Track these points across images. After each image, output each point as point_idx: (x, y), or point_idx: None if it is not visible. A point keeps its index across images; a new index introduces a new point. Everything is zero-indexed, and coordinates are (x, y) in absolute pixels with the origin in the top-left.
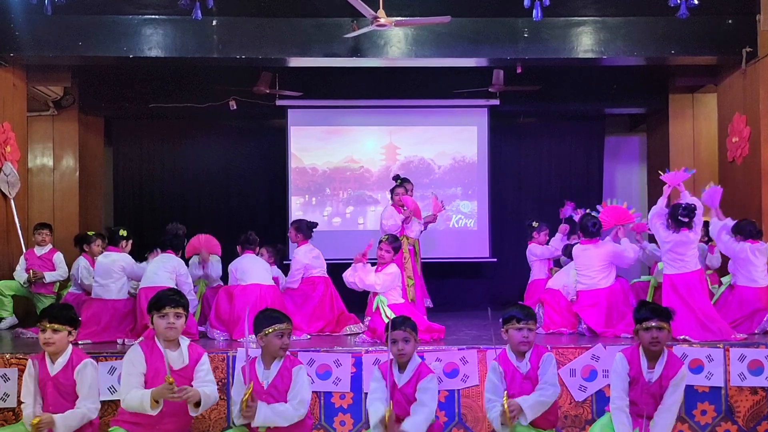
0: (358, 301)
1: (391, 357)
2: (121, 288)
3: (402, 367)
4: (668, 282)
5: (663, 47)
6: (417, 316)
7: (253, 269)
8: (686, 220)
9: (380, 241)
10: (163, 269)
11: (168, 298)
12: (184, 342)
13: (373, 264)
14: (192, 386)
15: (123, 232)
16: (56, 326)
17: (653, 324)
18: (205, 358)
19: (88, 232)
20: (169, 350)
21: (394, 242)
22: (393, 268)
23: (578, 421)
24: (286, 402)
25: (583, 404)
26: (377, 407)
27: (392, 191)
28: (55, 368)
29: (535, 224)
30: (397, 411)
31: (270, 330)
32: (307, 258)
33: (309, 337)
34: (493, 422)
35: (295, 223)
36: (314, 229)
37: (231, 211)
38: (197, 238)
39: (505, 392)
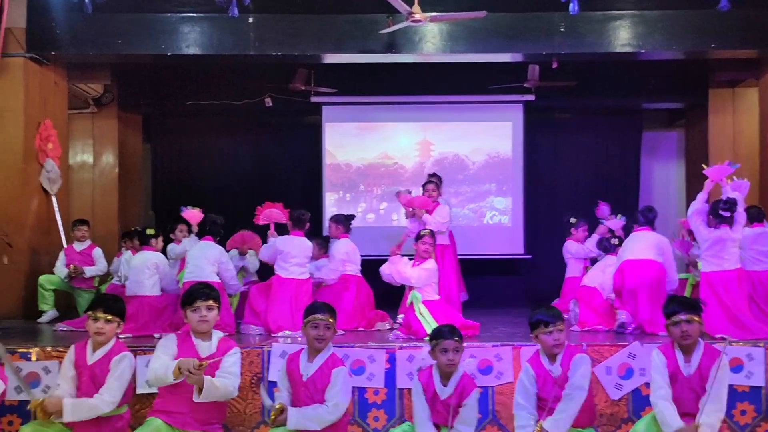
0: (386, 296)
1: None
2: (154, 284)
3: (445, 378)
4: (705, 280)
5: (702, 41)
6: (452, 313)
7: (298, 254)
8: (727, 214)
9: (420, 235)
10: (206, 261)
11: (199, 292)
12: (216, 335)
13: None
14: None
15: (150, 231)
16: (109, 317)
17: (682, 317)
18: (235, 350)
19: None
20: (200, 340)
21: (434, 236)
22: (431, 263)
23: (614, 419)
24: (322, 400)
25: (619, 402)
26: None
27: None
28: (93, 357)
29: (573, 221)
30: (436, 420)
31: (307, 321)
32: (345, 251)
33: (342, 332)
34: None
35: (334, 217)
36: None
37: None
38: (241, 234)
39: (539, 423)
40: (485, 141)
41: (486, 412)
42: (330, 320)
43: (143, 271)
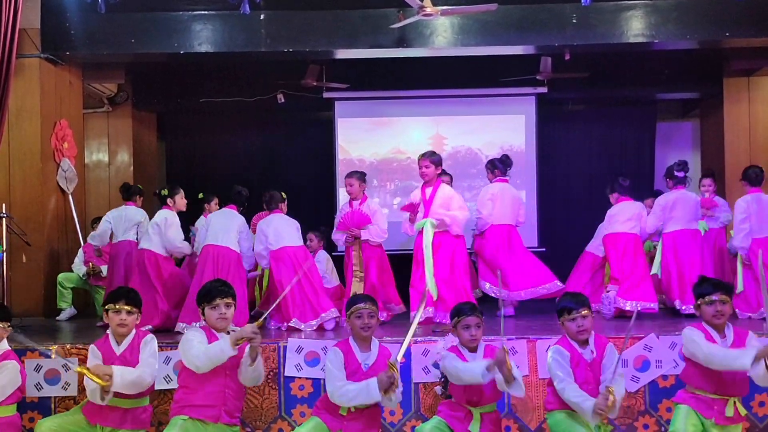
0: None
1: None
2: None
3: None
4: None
5: (717, 30)
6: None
7: (286, 230)
8: (682, 175)
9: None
10: (229, 227)
11: (217, 290)
12: (236, 330)
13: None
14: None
15: (164, 192)
16: (130, 308)
17: (715, 298)
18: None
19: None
20: (222, 334)
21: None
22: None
23: (630, 412)
24: None
25: (635, 395)
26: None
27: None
28: (121, 348)
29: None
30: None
31: (350, 312)
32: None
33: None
34: (578, 406)
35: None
36: None
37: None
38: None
39: (608, 387)
40: (498, 134)
41: (502, 406)
42: (373, 308)
43: (153, 225)
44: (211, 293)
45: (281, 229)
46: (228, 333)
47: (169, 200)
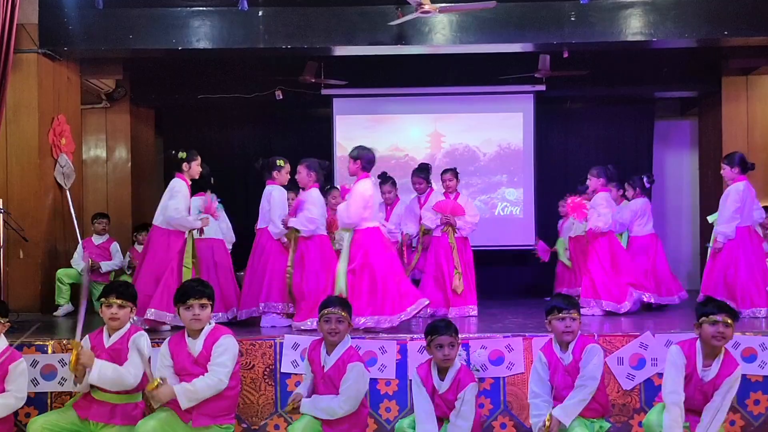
0: None
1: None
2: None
3: (442, 372)
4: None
5: (715, 28)
6: None
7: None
8: (649, 186)
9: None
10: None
11: (193, 290)
12: (207, 328)
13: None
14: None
15: (181, 155)
16: (122, 302)
17: (719, 318)
18: (222, 340)
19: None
20: (191, 338)
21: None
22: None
23: (626, 410)
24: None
25: (631, 393)
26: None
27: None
28: (111, 340)
29: None
30: (438, 414)
31: (320, 314)
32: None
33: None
34: (534, 428)
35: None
36: None
37: None
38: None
39: (549, 412)
40: (496, 132)
41: (498, 403)
42: (343, 314)
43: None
44: (187, 293)
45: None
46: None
47: (184, 165)
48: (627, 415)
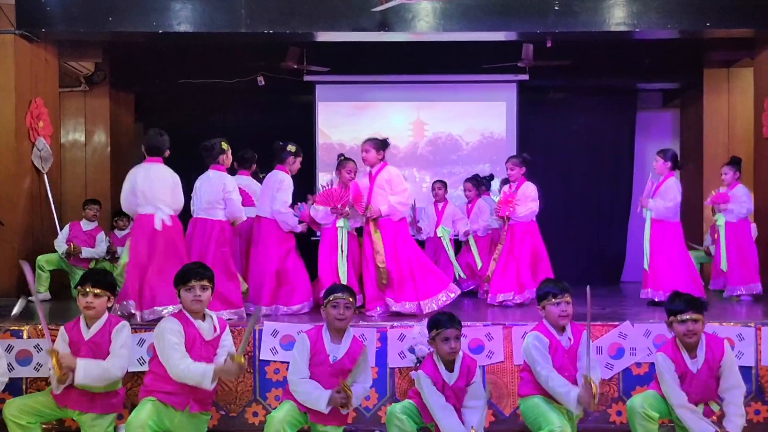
0: None
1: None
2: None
3: (449, 365)
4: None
5: (698, 19)
6: None
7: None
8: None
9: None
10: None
11: (193, 272)
12: (213, 314)
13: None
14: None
15: (291, 148)
16: (98, 291)
17: (687, 317)
18: (227, 329)
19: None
20: (198, 321)
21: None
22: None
23: (604, 399)
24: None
25: (609, 382)
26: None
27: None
28: (90, 332)
29: None
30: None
31: (327, 300)
32: None
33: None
34: (561, 396)
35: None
36: None
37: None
38: None
39: (586, 376)
40: (479, 121)
41: None
42: (350, 299)
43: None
44: (187, 275)
45: None
46: (205, 316)
47: (290, 158)
48: (605, 404)
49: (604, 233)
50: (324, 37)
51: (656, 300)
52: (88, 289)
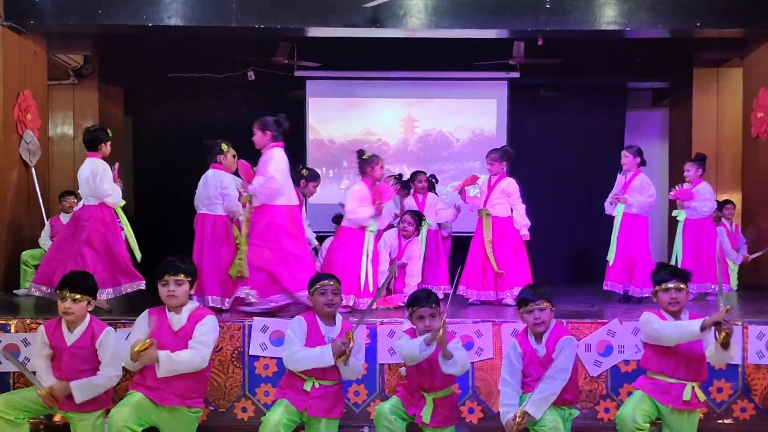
0: None
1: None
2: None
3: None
4: None
5: (688, 19)
6: None
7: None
8: None
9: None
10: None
11: (169, 265)
12: (190, 305)
13: None
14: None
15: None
16: (76, 296)
17: (671, 285)
18: (207, 319)
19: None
20: (173, 313)
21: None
22: None
23: (592, 396)
24: None
25: (597, 379)
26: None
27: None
28: (72, 337)
29: None
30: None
31: (314, 289)
32: None
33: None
34: (502, 418)
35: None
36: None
37: None
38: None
39: (521, 408)
40: (469, 118)
41: (466, 388)
42: (336, 285)
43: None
44: (162, 269)
45: None
46: (181, 310)
47: (302, 182)
48: (593, 401)
49: (593, 231)
50: (315, 32)
51: (621, 293)
52: (66, 294)
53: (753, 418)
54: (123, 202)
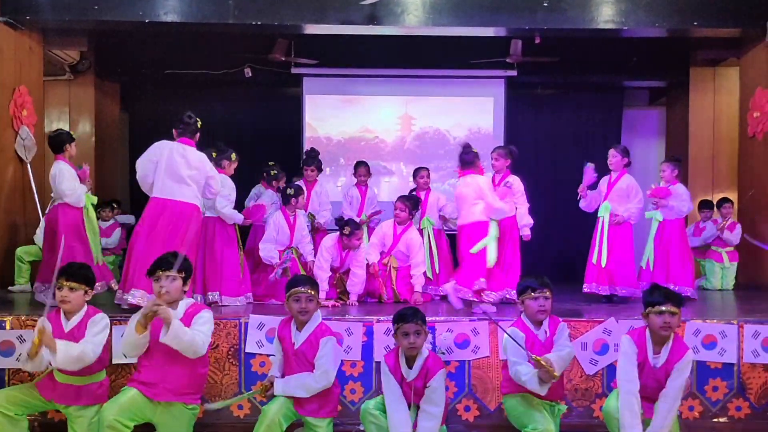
0: None
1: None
2: None
3: (410, 361)
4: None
5: (685, 18)
6: None
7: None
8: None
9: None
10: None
11: (161, 261)
12: (186, 301)
13: None
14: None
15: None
16: (73, 284)
17: (664, 308)
18: (204, 312)
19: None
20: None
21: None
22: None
23: (588, 394)
24: (311, 369)
25: (593, 378)
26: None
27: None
28: (69, 324)
29: None
30: (406, 400)
31: (289, 294)
32: None
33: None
34: (527, 383)
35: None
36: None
37: (243, 178)
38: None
39: (533, 356)
40: (466, 116)
41: (462, 386)
42: (311, 292)
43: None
44: (154, 265)
45: None
46: (177, 306)
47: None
48: (589, 400)
49: (589, 230)
50: (312, 29)
51: (603, 294)
52: (63, 283)
53: (748, 417)
54: (93, 200)
